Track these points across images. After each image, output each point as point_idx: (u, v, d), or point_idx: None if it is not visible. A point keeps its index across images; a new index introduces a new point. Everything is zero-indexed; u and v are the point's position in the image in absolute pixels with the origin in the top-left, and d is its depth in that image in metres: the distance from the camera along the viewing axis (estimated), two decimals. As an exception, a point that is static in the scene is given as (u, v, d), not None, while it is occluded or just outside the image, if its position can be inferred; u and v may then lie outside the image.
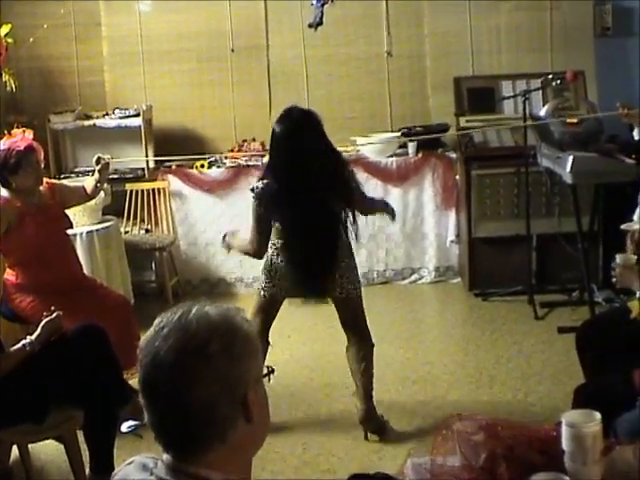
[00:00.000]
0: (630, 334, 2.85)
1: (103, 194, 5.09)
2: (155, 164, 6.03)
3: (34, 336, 3.16)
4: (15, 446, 3.37)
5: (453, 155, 5.86)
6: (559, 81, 5.23)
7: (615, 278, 2.94)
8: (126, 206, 5.90)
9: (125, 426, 3.75)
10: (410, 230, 5.98)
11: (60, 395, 3.18)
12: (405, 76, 6.28)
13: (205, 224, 6.02)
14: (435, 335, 5.15)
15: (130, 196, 5.92)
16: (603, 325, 3.21)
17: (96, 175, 4.36)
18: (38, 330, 3.18)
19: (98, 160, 4.35)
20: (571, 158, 4.63)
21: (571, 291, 5.39)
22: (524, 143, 5.20)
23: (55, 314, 3.24)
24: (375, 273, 6.04)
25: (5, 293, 3.99)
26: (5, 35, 5.36)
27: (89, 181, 4.42)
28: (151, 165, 6.02)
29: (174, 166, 5.99)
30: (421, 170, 5.89)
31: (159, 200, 5.95)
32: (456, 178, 5.81)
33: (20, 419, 3.11)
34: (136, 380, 1.38)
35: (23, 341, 3.15)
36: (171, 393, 1.30)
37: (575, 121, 5.09)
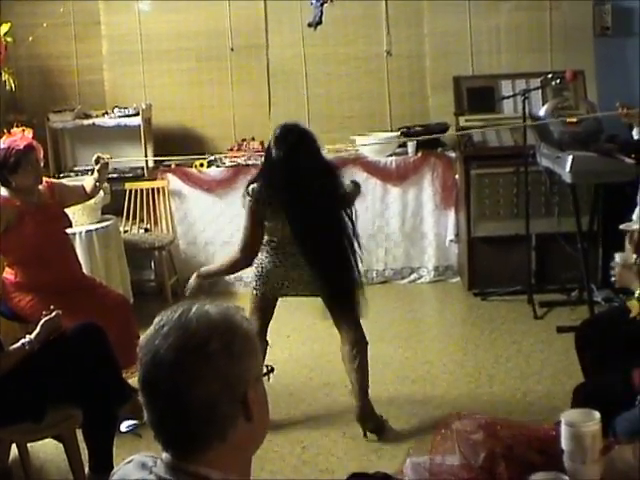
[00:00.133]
0: (629, 333, 2.85)
1: (102, 193, 5.08)
2: (154, 163, 6.02)
3: (33, 335, 3.16)
4: (14, 445, 3.37)
5: (452, 154, 5.86)
6: (559, 81, 5.22)
7: (614, 278, 2.94)
8: (125, 205, 5.89)
9: (124, 425, 3.75)
10: (409, 229, 5.98)
11: (59, 394, 3.17)
12: (405, 75, 6.28)
13: (204, 223, 6.02)
14: (434, 334, 5.15)
15: (129, 195, 5.92)
16: (602, 325, 3.21)
17: (95, 174, 4.36)
18: (37, 329, 3.18)
19: (97, 159, 4.34)
20: (570, 158, 4.63)
21: (570, 291, 5.39)
22: (523, 143, 5.20)
23: (54, 313, 3.24)
24: (374, 272, 6.03)
25: (4, 292, 3.98)
26: (4, 34, 5.35)
27: (88, 180, 4.42)
28: (150, 164, 6.02)
29: (173, 165, 5.98)
30: (420, 170, 5.89)
31: (158, 199, 5.95)
32: (455, 177, 5.81)
33: (19, 418, 3.11)
34: (135, 379, 1.38)
35: (22, 340, 3.14)
36: (171, 391, 1.29)
37: (575, 121, 5.08)
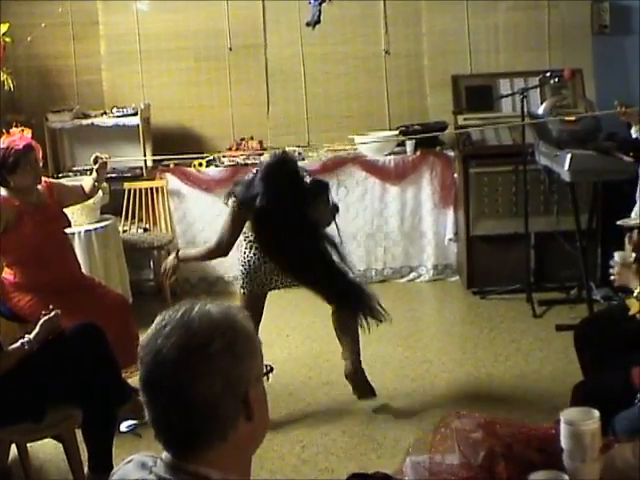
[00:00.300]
0: (628, 332, 2.86)
1: (101, 193, 5.08)
2: (153, 163, 6.02)
3: (32, 335, 3.16)
4: (14, 445, 3.37)
5: (451, 153, 5.86)
6: (557, 79, 5.22)
7: (613, 276, 2.95)
8: (124, 205, 5.89)
9: (124, 425, 3.75)
10: (408, 228, 5.98)
11: (59, 394, 3.17)
12: (403, 74, 6.28)
13: (203, 223, 6.01)
14: (433, 333, 5.15)
15: (128, 195, 5.91)
16: (601, 323, 3.21)
17: (94, 174, 4.35)
18: (36, 329, 3.18)
19: (96, 159, 4.34)
20: (569, 156, 4.63)
21: (569, 289, 5.39)
22: (522, 141, 5.19)
23: (53, 313, 3.24)
24: (373, 271, 6.03)
25: (3, 292, 3.98)
26: (3, 34, 5.34)
27: (87, 180, 4.42)
28: (149, 164, 6.01)
29: (172, 165, 5.97)
30: (419, 168, 5.88)
31: (157, 199, 5.94)
32: (454, 176, 5.81)
33: (19, 418, 3.11)
34: (135, 379, 1.38)
35: (21, 340, 3.14)
36: (174, 388, 1.29)
37: (573, 119, 5.08)
